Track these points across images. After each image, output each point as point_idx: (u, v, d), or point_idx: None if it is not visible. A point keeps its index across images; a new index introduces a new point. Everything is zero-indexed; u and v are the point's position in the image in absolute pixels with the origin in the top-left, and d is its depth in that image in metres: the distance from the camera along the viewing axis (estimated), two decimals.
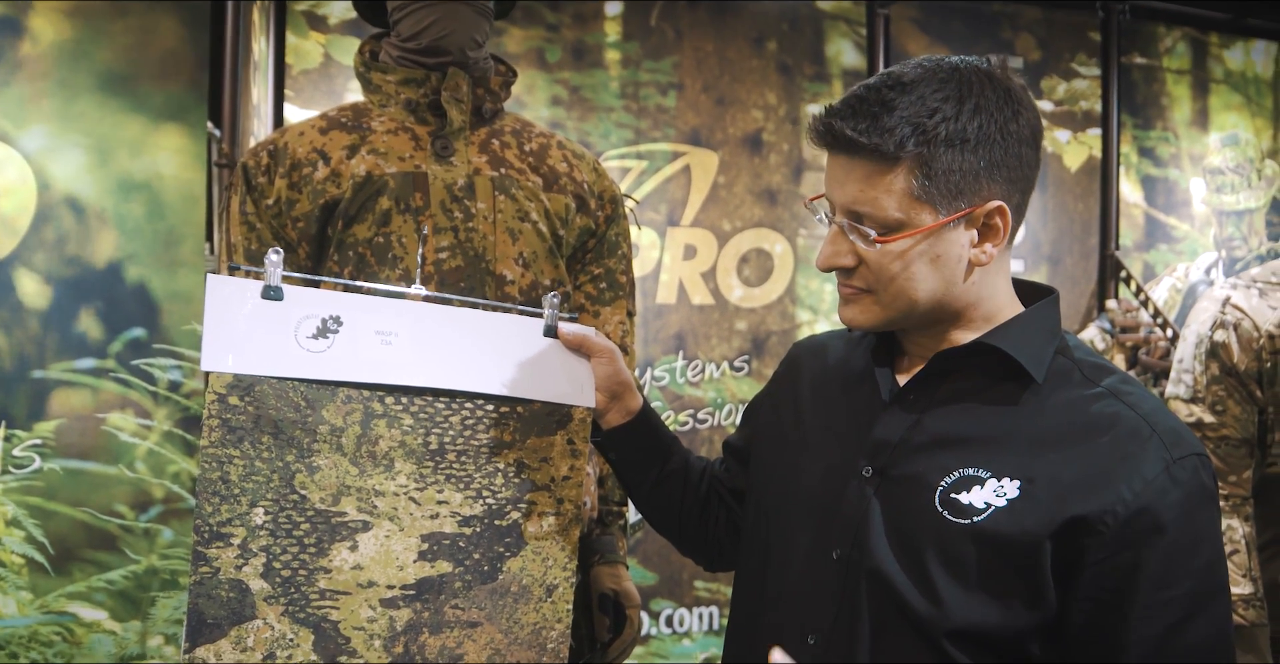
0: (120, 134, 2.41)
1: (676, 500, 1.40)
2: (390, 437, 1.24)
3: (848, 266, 1.11)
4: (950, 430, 1.11)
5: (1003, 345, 1.10)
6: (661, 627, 3.58)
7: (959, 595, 1.05)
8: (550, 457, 1.31)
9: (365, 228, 1.58)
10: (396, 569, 1.23)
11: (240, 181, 1.64)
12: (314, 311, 1.22)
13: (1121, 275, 4.18)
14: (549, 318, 1.33)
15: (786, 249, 3.74)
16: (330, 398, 1.22)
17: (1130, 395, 1.08)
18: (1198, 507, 1.04)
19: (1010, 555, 1.04)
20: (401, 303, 1.28)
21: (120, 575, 2.45)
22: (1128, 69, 4.36)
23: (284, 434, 1.19)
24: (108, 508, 2.44)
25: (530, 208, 1.65)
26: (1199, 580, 1.03)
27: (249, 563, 1.17)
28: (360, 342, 1.23)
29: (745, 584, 1.26)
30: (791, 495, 1.21)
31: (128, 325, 2.44)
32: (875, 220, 1.07)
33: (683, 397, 3.62)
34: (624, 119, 3.56)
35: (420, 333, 1.26)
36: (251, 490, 1.18)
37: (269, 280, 1.20)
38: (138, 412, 2.45)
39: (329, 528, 1.21)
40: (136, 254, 2.43)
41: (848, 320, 1.14)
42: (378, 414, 1.23)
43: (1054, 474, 1.04)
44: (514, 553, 1.28)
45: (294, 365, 1.20)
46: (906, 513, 1.09)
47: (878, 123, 1.04)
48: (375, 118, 1.65)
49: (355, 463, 1.22)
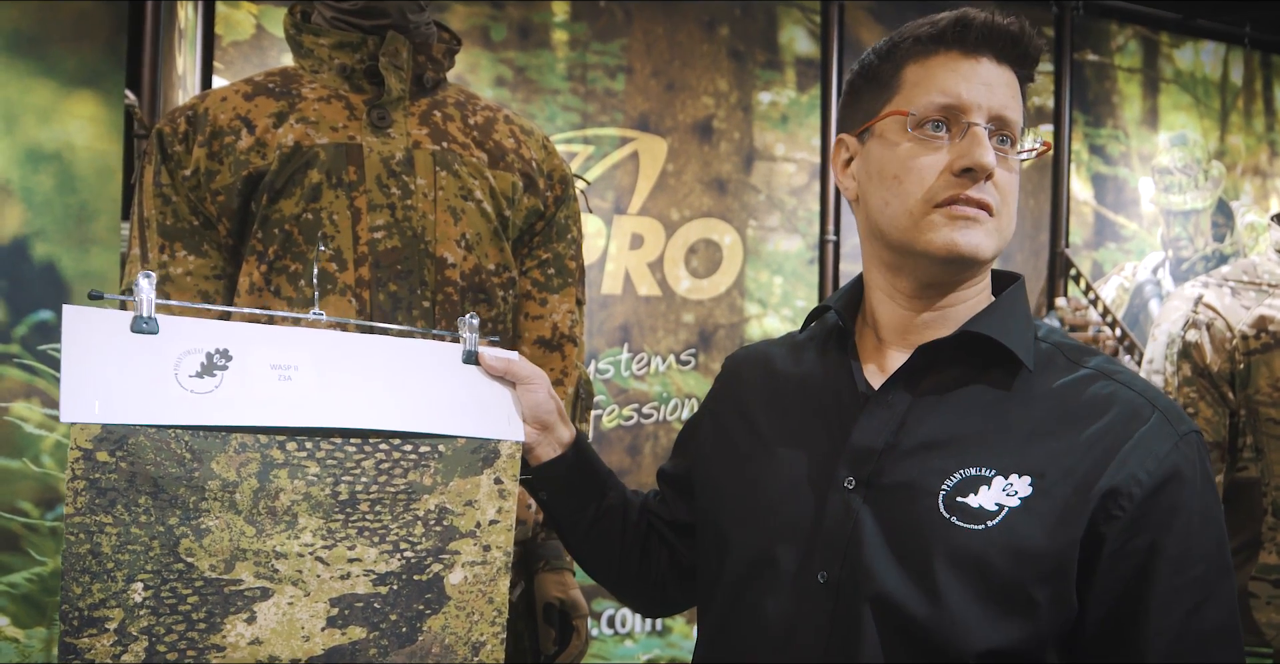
0: (28, 100, 2.23)
1: (616, 540, 1.27)
2: (293, 489, 1.08)
3: (992, 175, 1.02)
4: (941, 429, 1.01)
5: (991, 332, 1.02)
6: (603, 627, 3.47)
7: (980, 613, 0.95)
8: (475, 499, 1.17)
9: (293, 203, 1.45)
10: (301, 640, 1.08)
11: (155, 150, 1.49)
12: (196, 345, 1.05)
13: (1071, 273, 4.15)
14: (468, 342, 1.20)
15: (736, 240, 3.65)
16: (221, 447, 1.05)
17: (1120, 373, 1.02)
18: (1206, 484, 0.99)
19: (1035, 560, 0.94)
20: (299, 331, 1.13)
21: (23, 578, 2.28)
22: (1080, 66, 4.33)
23: (165, 493, 1.02)
24: (10, 505, 2.27)
25: (474, 185, 1.52)
26: (1210, 562, 0.97)
27: (128, 650, 1.01)
28: (253, 378, 1.07)
29: (711, 617, 1.14)
30: (756, 514, 1.09)
31: (34, 307, 2.27)
32: (1012, 131, 1.04)
33: (628, 391, 3.50)
34: (570, 102, 3.44)
35: (323, 365, 1.11)
36: (128, 562, 1.01)
37: (139, 310, 1.03)
38: (44, 401, 2.28)
39: (221, 599, 1.05)
40: (45, 230, 2.26)
41: (975, 246, 1.01)
42: (277, 463, 1.07)
43: (1065, 465, 0.96)
44: (435, 610, 1.14)
45: (176, 410, 1.03)
46: (907, 525, 0.99)
47: (1026, 34, 1.04)
48: (306, 84, 1.52)
49: (252, 522, 1.06)
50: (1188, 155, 4.61)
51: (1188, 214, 4.61)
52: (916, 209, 1.02)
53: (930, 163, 1.01)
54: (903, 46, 1.05)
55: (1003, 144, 1.03)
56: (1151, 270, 4.50)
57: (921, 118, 1.02)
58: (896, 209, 1.03)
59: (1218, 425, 1.98)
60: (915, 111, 1.02)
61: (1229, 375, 1.96)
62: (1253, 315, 1.95)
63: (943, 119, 1.02)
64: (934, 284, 1.06)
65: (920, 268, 1.05)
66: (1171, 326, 2.02)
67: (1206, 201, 4.66)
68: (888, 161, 1.04)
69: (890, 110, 1.04)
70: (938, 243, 1.01)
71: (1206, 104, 4.66)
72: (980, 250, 1.01)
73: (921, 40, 1.04)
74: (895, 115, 1.04)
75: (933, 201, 1.01)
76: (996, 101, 1.01)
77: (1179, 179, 4.59)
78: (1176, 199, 4.59)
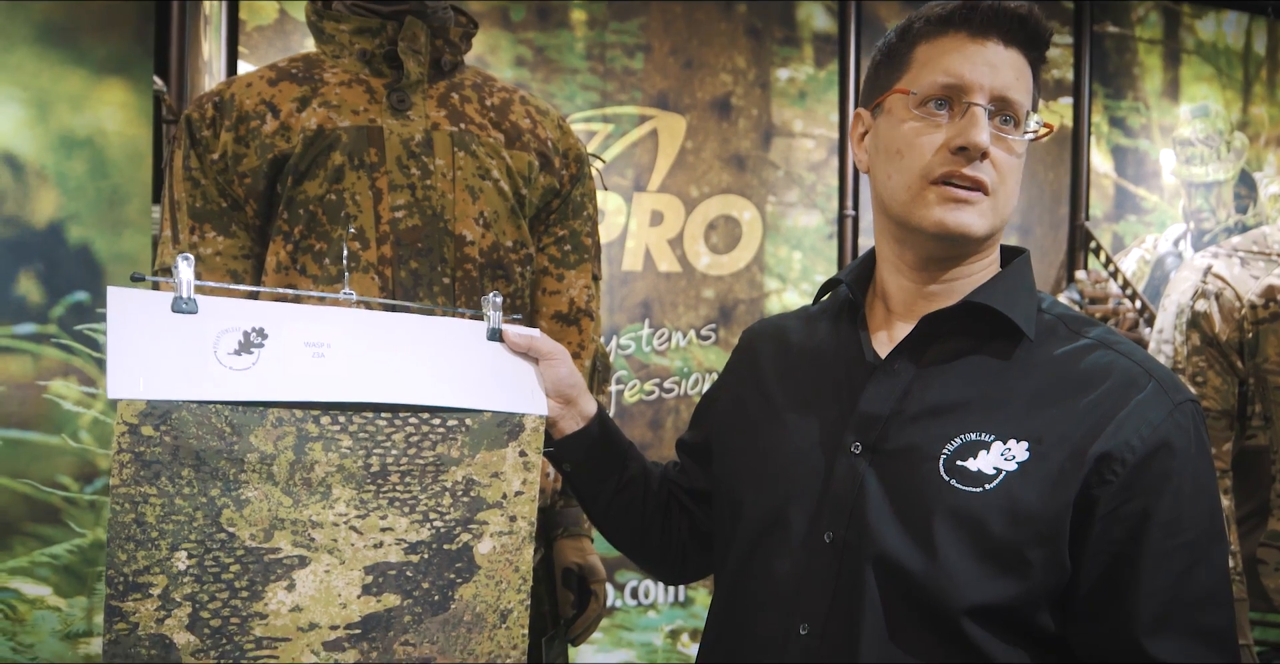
0: (61, 88, 2.29)
1: (638, 509, 1.32)
2: (327, 461, 1.12)
3: (988, 155, 1.05)
4: (944, 396, 1.05)
5: (993, 303, 1.06)
6: (627, 598, 3.53)
7: (974, 570, 0.99)
8: (502, 471, 1.21)
9: (316, 185, 1.50)
10: (339, 607, 1.12)
11: (184, 135, 1.54)
12: (234, 324, 1.09)
13: (1091, 246, 4.15)
14: (492, 320, 1.24)
15: (755, 216, 3.67)
16: (259, 421, 1.09)
17: (1120, 344, 1.06)
18: (1200, 452, 1.02)
19: (1030, 522, 0.98)
20: (331, 310, 1.16)
21: (64, 549, 2.36)
22: (1100, 38, 4.31)
23: (207, 466, 1.06)
24: (50, 479, 2.34)
25: (491, 165, 1.57)
26: (1202, 528, 1.00)
27: (172, 615, 1.04)
28: (289, 355, 1.11)
29: (725, 577, 1.19)
30: (768, 479, 1.14)
31: (70, 289, 2.34)
32: (1015, 112, 1.06)
33: (649, 365, 3.55)
34: (590, 81, 3.47)
35: (354, 343, 1.15)
36: (172, 532, 1.04)
37: (179, 291, 1.07)
38: (81, 379, 2.35)
39: (262, 567, 1.08)
40: (79, 214, 2.33)
41: (964, 225, 1.05)
42: (312, 437, 1.11)
43: (1062, 431, 1.00)
44: (466, 579, 1.18)
45: (216, 386, 1.06)
46: (909, 487, 1.03)
47: (1033, 16, 1.06)
48: (328, 69, 1.56)
49: (289, 492, 1.10)
50: (1210, 126, 4.59)
51: (1210, 186, 4.59)
52: (914, 184, 1.06)
53: (929, 140, 1.05)
54: (916, 26, 1.09)
55: (1005, 124, 1.05)
56: (1173, 242, 4.49)
57: (924, 96, 1.05)
58: (897, 183, 1.07)
59: (1226, 394, 2.00)
60: (917, 91, 1.06)
61: (1238, 344, 1.99)
62: (1261, 285, 1.98)
63: (945, 98, 1.05)
64: (935, 258, 1.09)
65: (919, 242, 1.08)
66: (1181, 297, 2.05)
67: (1229, 173, 4.64)
68: (892, 137, 1.08)
69: (898, 88, 1.08)
70: (930, 219, 1.05)
71: (1229, 75, 4.64)
72: (970, 229, 1.05)
73: (932, 21, 1.07)
74: (900, 93, 1.07)
75: (929, 177, 1.05)
76: (999, 82, 1.04)
77: (1201, 150, 4.57)
78: (1198, 171, 4.57)
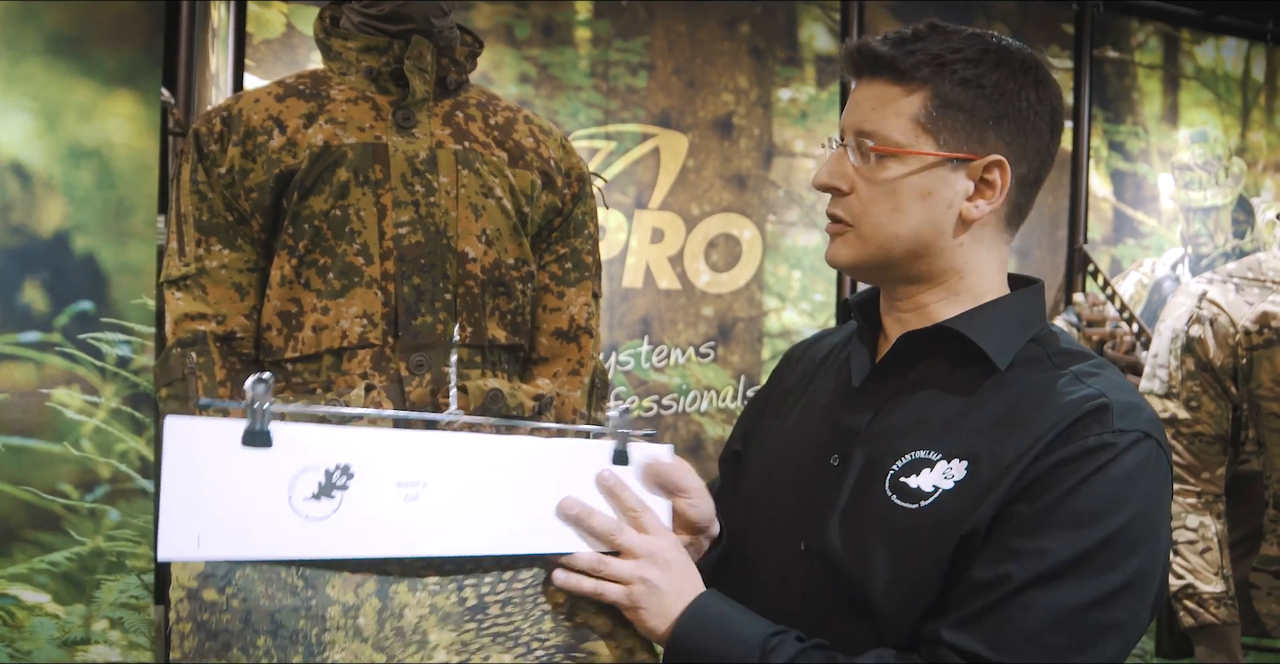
0: (69, 98, 2.31)
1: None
2: (417, 602, 0.96)
3: (840, 189, 1.09)
4: (908, 415, 1.08)
5: (966, 330, 1.07)
6: None
7: (905, 587, 1.00)
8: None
9: (322, 200, 1.52)
10: None
11: (191, 149, 1.57)
12: (315, 461, 0.91)
13: (1089, 269, 4.17)
14: (617, 441, 1.07)
15: (755, 235, 3.70)
16: (335, 569, 0.93)
17: (1094, 377, 1.03)
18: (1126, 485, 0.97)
19: (954, 540, 0.99)
20: (430, 437, 0.99)
21: (64, 557, 2.36)
22: (1100, 62, 4.34)
23: (285, 629, 0.89)
24: (51, 487, 2.35)
25: (494, 183, 1.59)
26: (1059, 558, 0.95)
27: None
28: (377, 500, 0.93)
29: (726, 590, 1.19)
30: (769, 490, 1.17)
31: (75, 298, 2.35)
32: (879, 139, 1.07)
33: (647, 382, 3.56)
34: (593, 98, 3.50)
35: (454, 480, 0.97)
36: None
37: (253, 421, 0.88)
38: (84, 387, 2.36)
39: None
40: (85, 224, 2.34)
41: (830, 257, 1.13)
42: (394, 576, 0.95)
43: (1000, 451, 1.00)
44: None
45: (286, 542, 0.89)
46: (860, 501, 1.06)
47: (902, 46, 1.06)
48: (335, 86, 1.58)
49: (381, 648, 0.94)
50: (1208, 152, 4.61)
51: (1208, 211, 4.62)
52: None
53: None
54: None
55: (865, 156, 1.07)
56: (1171, 267, 4.51)
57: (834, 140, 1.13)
58: None
59: (1220, 419, 2.02)
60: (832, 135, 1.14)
61: (1232, 370, 2.00)
62: (1256, 311, 1.99)
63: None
64: (881, 283, 1.15)
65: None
66: (1176, 322, 2.06)
67: (1227, 198, 4.66)
68: None
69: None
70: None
71: (1228, 100, 4.67)
72: (836, 258, 1.12)
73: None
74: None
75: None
76: (855, 118, 1.09)
77: (1199, 175, 4.59)
78: (1196, 195, 4.60)
